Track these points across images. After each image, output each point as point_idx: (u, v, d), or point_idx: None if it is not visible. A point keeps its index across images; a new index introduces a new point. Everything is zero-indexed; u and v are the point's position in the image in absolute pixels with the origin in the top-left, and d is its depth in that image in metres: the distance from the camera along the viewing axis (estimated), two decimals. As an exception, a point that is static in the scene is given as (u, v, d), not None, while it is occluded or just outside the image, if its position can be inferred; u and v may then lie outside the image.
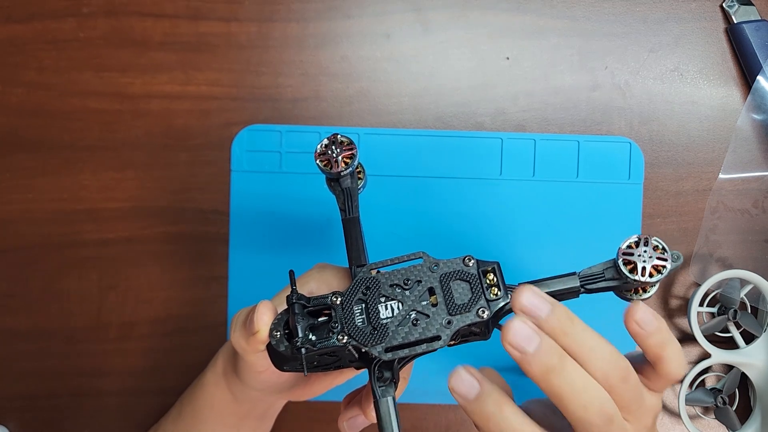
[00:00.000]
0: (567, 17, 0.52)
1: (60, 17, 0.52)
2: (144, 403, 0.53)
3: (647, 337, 0.32)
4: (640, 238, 0.33)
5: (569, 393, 0.30)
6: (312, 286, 0.38)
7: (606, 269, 0.34)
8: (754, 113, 0.52)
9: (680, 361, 0.33)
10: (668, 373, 0.33)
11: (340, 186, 0.37)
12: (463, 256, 0.34)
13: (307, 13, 0.52)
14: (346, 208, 0.37)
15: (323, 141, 0.37)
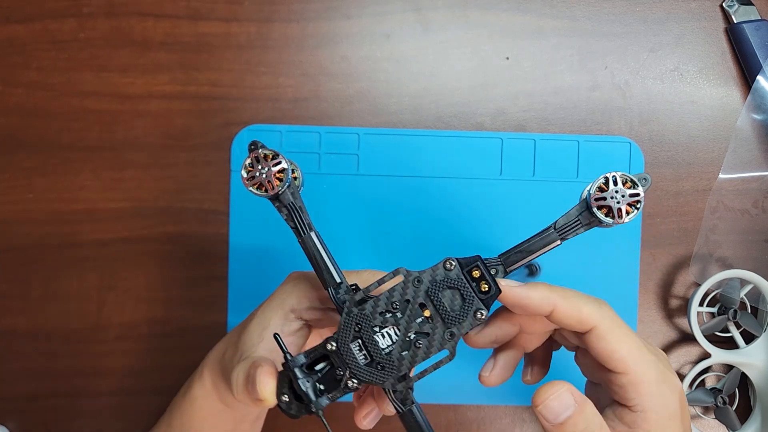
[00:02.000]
0: (567, 17, 0.52)
1: (60, 17, 0.52)
2: (143, 403, 0.53)
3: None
4: (608, 178, 0.32)
5: None
6: (292, 303, 0.37)
7: (581, 214, 0.33)
8: (754, 113, 0.52)
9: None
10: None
11: (282, 204, 0.34)
12: (443, 260, 0.32)
13: (307, 13, 0.52)
14: (298, 227, 0.34)
15: (245, 160, 0.33)
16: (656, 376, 0.32)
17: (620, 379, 0.32)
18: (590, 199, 0.32)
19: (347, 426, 0.52)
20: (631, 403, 0.32)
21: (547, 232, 0.33)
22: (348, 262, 0.49)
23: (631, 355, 0.32)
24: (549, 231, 0.33)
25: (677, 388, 0.33)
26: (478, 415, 0.52)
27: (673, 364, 0.53)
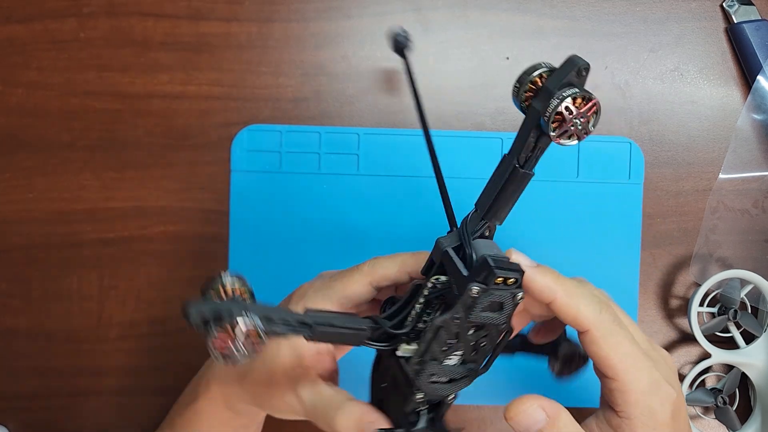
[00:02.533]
0: (567, 17, 0.52)
1: (60, 17, 0.52)
2: (144, 402, 0.53)
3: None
4: (561, 112, 0.29)
5: None
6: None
7: (539, 139, 0.30)
8: (754, 113, 0.52)
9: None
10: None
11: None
12: (467, 290, 0.30)
13: (308, 13, 0.52)
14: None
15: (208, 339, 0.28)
16: (647, 385, 0.32)
17: (610, 383, 0.32)
18: (548, 129, 0.29)
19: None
20: (618, 409, 0.32)
21: (515, 172, 0.31)
22: (348, 261, 0.49)
23: (623, 362, 0.32)
24: (515, 170, 0.31)
25: (670, 398, 0.32)
26: (479, 415, 0.52)
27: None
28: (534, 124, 0.29)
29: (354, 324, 0.32)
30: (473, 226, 0.32)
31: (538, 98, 0.29)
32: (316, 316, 0.30)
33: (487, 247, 0.31)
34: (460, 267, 0.31)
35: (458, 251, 0.32)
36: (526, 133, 0.30)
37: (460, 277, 0.30)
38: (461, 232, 0.31)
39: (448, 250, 0.31)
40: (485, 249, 0.31)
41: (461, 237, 0.31)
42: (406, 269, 0.36)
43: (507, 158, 0.31)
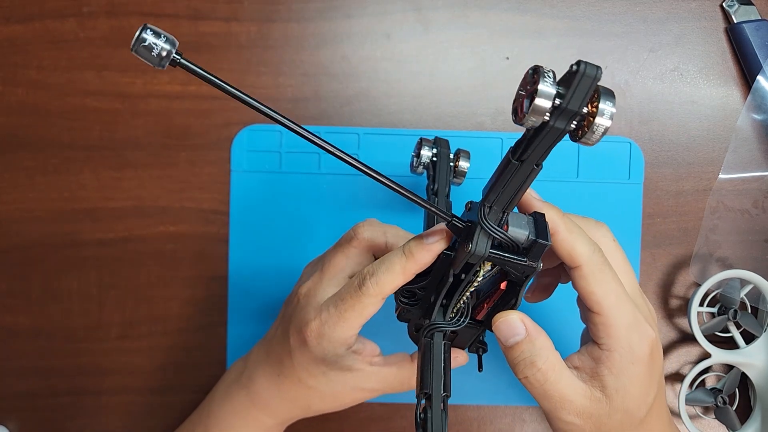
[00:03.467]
0: (567, 17, 0.52)
1: (60, 17, 0.52)
2: (144, 402, 0.53)
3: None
4: (604, 128, 0.27)
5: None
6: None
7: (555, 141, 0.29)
8: (754, 113, 0.52)
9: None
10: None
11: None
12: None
13: (308, 12, 0.52)
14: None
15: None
16: (628, 322, 0.34)
17: (595, 318, 0.35)
18: (589, 143, 0.28)
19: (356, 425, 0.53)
20: (600, 342, 0.35)
21: (533, 172, 0.30)
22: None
23: (608, 298, 0.34)
24: (533, 170, 0.30)
25: (649, 338, 0.35)
26: (478, 415, 0.52)
27: (673, 364, 0.53)
28: (558, 139, 0.28)
29: (444, 352, 0.35)
30: (495, 220, 0.32)
31: (560, 120, 0.27)
32: (438, 386, 0.34)
33: (518, 227, 0.33)
34: (515, 258, 0.33)
35: (493, 246, 0.33)
36: (548, 148, 0.29)
37: (523, 265, 0.33)
38: (494, 233, 0.32)
39: (493, 253, 0.33)
40: (520, 230, 0.33)
41: (497, 237, 0.32)
42: (414, 273, 0.36)
43: (524, 166, 0.30)
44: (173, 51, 0.25)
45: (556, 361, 0.35)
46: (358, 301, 0.36)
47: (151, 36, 0.25)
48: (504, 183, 0.30)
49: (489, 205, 0.31)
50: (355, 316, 0.36)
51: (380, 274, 0.35)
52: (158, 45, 0.25)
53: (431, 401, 0.32)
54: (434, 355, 0.34)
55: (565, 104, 0.26)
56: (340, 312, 0.36)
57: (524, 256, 0.33)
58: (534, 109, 0.26)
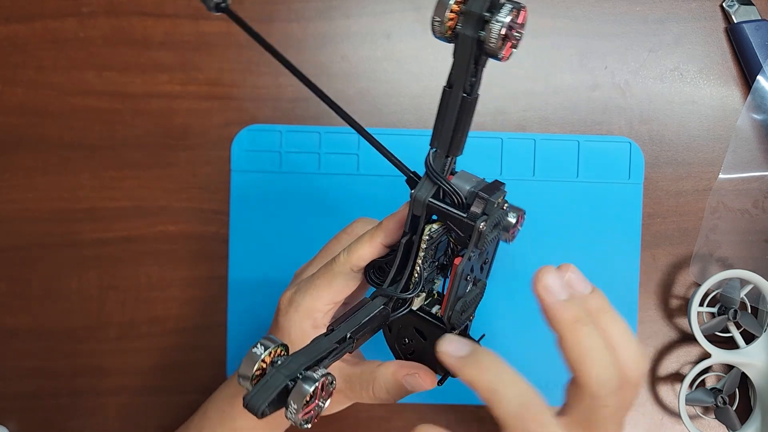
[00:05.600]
0: (567, 17, 0.52)
1: (60, 17, 0.52)
2: (144, 402, 0.53)
3: (558, 311, 0.30)
4: (501, 26, 0.27)
5: (595, 348, 0.29)
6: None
7: (478, 62, 0.29)
8: (754, 113, 0.52)
9: (600, 364, 0.29)
10: (585, 382, 0.29)
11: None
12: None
13: (308, 12, 0.52)
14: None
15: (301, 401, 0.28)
16: None
17: None
18: (497, 54, 0.28)
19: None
20: None
21: (465, 102, 0.30)
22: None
23: None
24: (464, 101, 0.30)
25: None
26: (478, 415, 0.52)
27: (673, 364, 0.53)
28: (472, 52, 0.28)
29: (375, 311, 0.33)
30: (440, 166, 0.32)
31: (466, 26, 0.28)
32: (346, 327, 0.32)
33: (464, 180, 0.33)
34: (454, 211, 0.32)
35: (437, 196, 0.33)
36: (465, 63, 0.29)
37: (461, 220, 0.32)
38: (433, 177, 0.32)
39: (431, 201, 0.32)
40: (464, 183, 0.32)
41: (435, 182, 0.32)
42: (381, 243, 0.36)
43: (453, 91, 0.30)
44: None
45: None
46: (329, 269, 0.37)
47: None
48: (442, 117, 0.30)
49: (434, 149, 0.32)
50: (324, 285, 0.37)
51: (351, 244, 0.37)
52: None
53: (331, 333, 0.32)
54: (363, 309, 0.33)
55: (468, 6, 0.27)
56: (312, 280, 0.38)
57: (466, 211, 0.32)
58: (438, 3, 0.27)
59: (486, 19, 0.27)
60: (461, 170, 0.33)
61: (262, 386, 0.28)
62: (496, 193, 0.32)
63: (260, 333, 0.52)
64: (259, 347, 0.28)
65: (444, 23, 0.28)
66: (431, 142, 0.31)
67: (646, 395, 0.53)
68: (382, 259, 0.36)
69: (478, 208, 0.32)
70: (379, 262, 0.36)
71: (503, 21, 0.27)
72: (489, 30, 0.27)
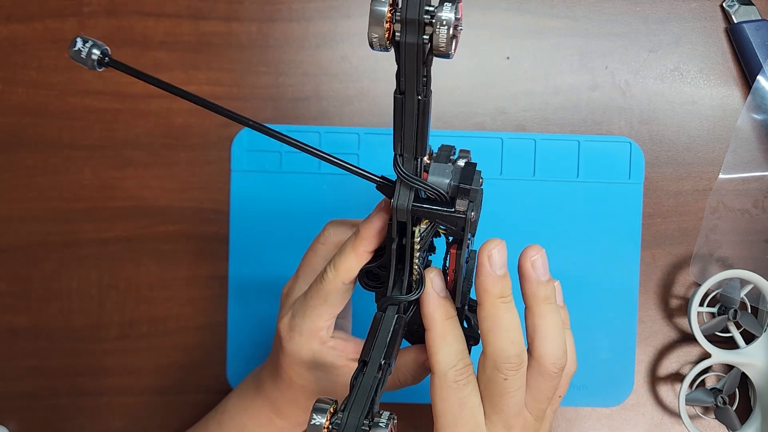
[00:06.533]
0: (567, 17, 0.52)
1: (61, 17, 0.52)
2: (144, 402, 0.53)
3: (536, 286, 0.34)
4: (448, 29, 0.27)
5: (507, 324, 0.33)
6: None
7: (425, 64, 0.29)
8: (754, 113, 0.52)
9: (556, 345, 0.34)
10: (540, 354, 0.34)
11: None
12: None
13: (308, 12, 0.52)
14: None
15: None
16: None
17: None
18: (449, 55, 0.28)
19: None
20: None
21: (421, 105, 0.30)
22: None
23: (441, 419, 0.34)
24: (420, 104, 0.30)
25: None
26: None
27: (673, 364, 0.53)
28: (419, 57, 0.28)
29: (394, 324, 0.33)
30: (412, 170, 0.32)
31: (408, 34, 0.27)
32: (377, 355, 0.32)
33: (440, 175, 0.32)
34: (441, 209, 0.32)
35: (418, 198, 0.32)
36: (413, 69, 0.28)
37: (450, 216, 0.32)
38: (410, 182, 0.31)
39: (415, 205, 0.32)
40: (441, 177, 0.32)
41: (414, 186, 0.32)
42: (365, 251, 0.36)
43: (407, 98, 0.30)
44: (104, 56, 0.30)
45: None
46: (321, 288, 0.37)
47: (81, 43, 0.30)
48: (400, 124, 0.30)
49: (400, 154, 0.31)
50: (320, 304, 0.37)
51: (335, 258, 0.36)
52: (86, 49, 0.30)
53: (366, 367, 0.31)
54: (381, 326, 0.33)
55: (403, 14, 0.26)
56: (306, 301, 0.38)
57: (452, 206, 0.32)
58: (372, 15, 0.26)
59: (426, 23, 0.26)
60: (432, 163, 0.33)
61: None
62: (474, 177, 0.32)
63: (260, 333, 0.52)
64: (317, 417, 0.28)
65: (382, 37, 0.27)
66: (394, 148, 0.31)
67: (646, 395, 0.53)
68: (371, 265, 0.36)
69: (463, 199, 0.32)
70: (369, 268, 0.36)
71: (449, 21, 0.26)
72: (437, 34, 0.26)
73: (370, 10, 0.26)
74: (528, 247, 0.34)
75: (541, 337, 0.34)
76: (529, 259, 0.34)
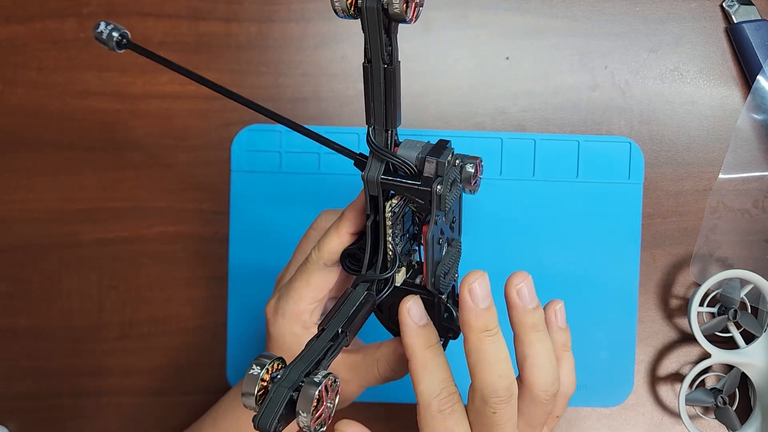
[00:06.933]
0: (567, 17, 0.52)
1: (60, 17, 0.52)
2: (144, 402, 0.53)
3: (522, 315, 0.33)
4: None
5: (492, 358, 0.32)
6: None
7: (388, 30, 0.30)
8: (754, 113, 0.52)
9: (546, 373, 0.33)
10: (530, 383, 0.33)
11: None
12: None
13: (307, 13, 0.52)
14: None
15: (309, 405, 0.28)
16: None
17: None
18: (407, 18, 0.29)
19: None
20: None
21: (388, 73, 0.30)
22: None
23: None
24: (387, 72, 0.30)
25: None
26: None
27: (673, 364, 0.53)
28: (379, 22, 0.29)
29: (361, 298, 0.33)
30: (382, 142, 0.32)
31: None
32: (336, 323, 0.32)
33: (409, 149, 0.32)
34: (407, 182, 0.32)
35: (389, 172, 0.33)
36: (376, 35, 0.29)
37: (416, 189, 0.32)
38: (379, 153, 0.32)
39: (383, 178, 0.32)
40: (411, 151, 0.32)
41: (383, 158, 0.32)
42: (348, 232, 0.36)
43: (373, 66, 0.30)
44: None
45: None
46: (304, 269, 0.37)
47: (104, 26, 0.32)
48: (370, 94, 0.30)
49: (372, 126, 0.31)
50: (303, 285, 0.37)
51: (320, 240, 0.37)
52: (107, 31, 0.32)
53: (322, 333, 0.31)
54: (348, 299, 0.33)
55: None
56: (290, 283, 0.38)
57: (419, 179, 0.32)
58: None
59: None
60: (405, 139, 0.33)
61: (268, 404, 0.28)
62: (444, 152, 0.32)
63: (260, 333, 0.52)
64: (255, 368, 0.28)
65: (344, 3, 0.28)
66: (367, 120, 0.31)
67: (646, 395, 0.53)
68: (353, 246, 0.36)
69: (430, 172, 0.32)
70: (352, 250, 0.36)
71: None
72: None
73: None
74: (513, 274, 0.34)
75: (530, 365, 0.33)
76: (514, 288, 0.33)
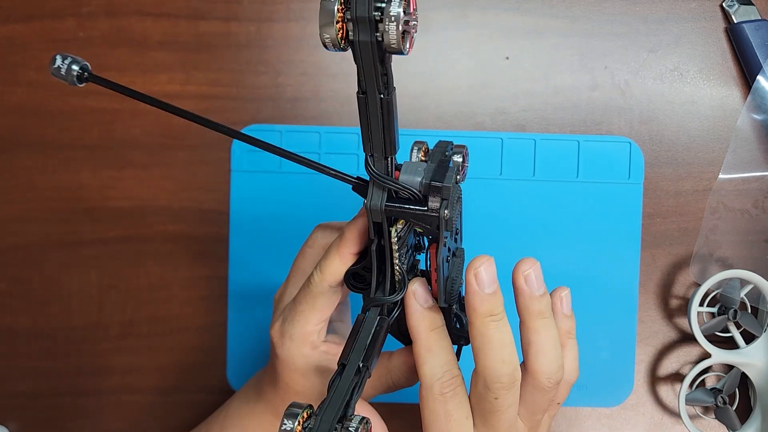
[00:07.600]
0: (567, 17, 0.52)
1: (60, 17, 0.52)
2: (144, 402, 0.53)
3: (529, 301, 0.33)
4: (397, 24, 0.26)
5: (497, 343, 0.32)
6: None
7: (383, 62, 0.29)
8: (754, 113, 0.52)
9: (551, 360, 0.33)
10: (534, 369, 0.33)
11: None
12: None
13: (307, 12, 0.52)
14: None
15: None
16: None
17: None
18: (402, 51, 0.27)
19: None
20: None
21: (385, 104, 0.29)
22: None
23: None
24: (384, 102, 0.29)
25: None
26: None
27: (673, 364, 0.53)
28: (374, 55, 0.27)
29: (375, 326, 0.33)
30: (383, 169, 0.31)
31: (360, 32, 0.27)
32: (356, 357, 0.32)
33: (412, 173, 0.32)
34: (413, 208, 0.31)
35: (391, 197, 0.32)
36: (371, 67, 0.28)
37: (422, 215, 0.31)
38: (381, 182, 0.31)
39: (388, 205, 0.32)
40: (413, 176, 0.32)
41: (386, 186, 0.31)
42: (350, 253, 0.36)
43: (369, 98, 0.29)
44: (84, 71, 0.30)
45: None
46: (308, 292, 0.37)
47: (60, 60, 0.31)
48: (367, 123, 0.30)
49: (371, 154, 0.31)
50: (309, 309, 0.37)
51: (321, 261, 0.36)
52: (65, 66, 0.31)
53: (344, 370, 0.31)
54: (362, 328, 0.33)
55: (353, 13, 0.26)
56: (295, 306, 0.37)
57: (425, 204, 0.31)
58: (322, 13, 0.26)
59: (377, 20, 0.26)
60: (405, 162, 0.32)
61: None
62: (448, 173, 0.31)
63: (260, 333, 0.52)
64: (287, 422, 0.28)
65: (334, 37, 0.27)
66: (364, 148, 0.31)
67: (646, 395, 0.53)
68: (356, 266, 0.36)
69: (435, 197, 0.31)
70: (355, 269, 0.36)
71: (397, 17, 0.25)
72: (386, 31, 0.26)
73: (320, 9, 0.26)
74: (521, 260, 0.33)
75: (534, 352, 0.33)
76: (522, 274, 0.33)
